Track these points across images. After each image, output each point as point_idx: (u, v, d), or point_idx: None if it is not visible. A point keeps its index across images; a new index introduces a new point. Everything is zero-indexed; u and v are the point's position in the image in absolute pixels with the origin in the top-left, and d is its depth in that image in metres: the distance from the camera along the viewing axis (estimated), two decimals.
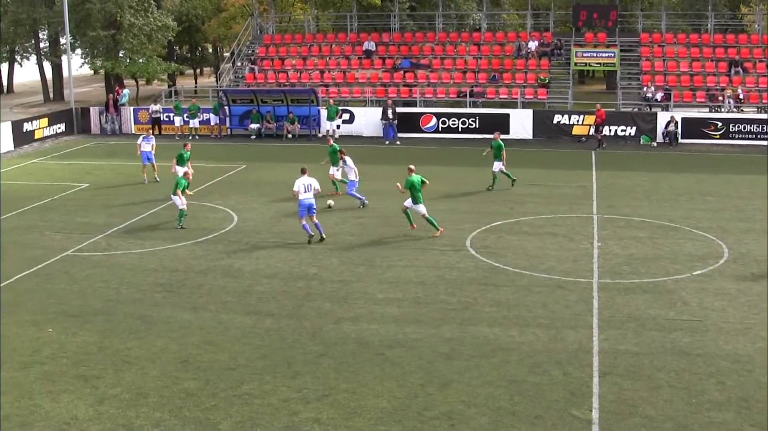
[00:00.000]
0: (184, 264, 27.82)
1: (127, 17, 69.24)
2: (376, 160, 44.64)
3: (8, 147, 51.59)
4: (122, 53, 72.35)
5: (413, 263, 27.25)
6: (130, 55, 71.38)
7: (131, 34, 69.70)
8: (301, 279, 25.92)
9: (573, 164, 43.62)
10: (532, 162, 44.07)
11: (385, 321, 22.46)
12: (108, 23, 70.53)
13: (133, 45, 70.07)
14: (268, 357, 20.37)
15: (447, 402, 17.73)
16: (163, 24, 71.67)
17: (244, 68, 62.96)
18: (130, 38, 69.72)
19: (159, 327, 22.51)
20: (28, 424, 17.45)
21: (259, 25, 67.43)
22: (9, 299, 25.08)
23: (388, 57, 60.53)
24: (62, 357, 20.82)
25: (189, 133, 54.88)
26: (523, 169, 41.49)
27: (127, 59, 72.05)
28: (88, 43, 73.92)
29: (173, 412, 17.73)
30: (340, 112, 52.99)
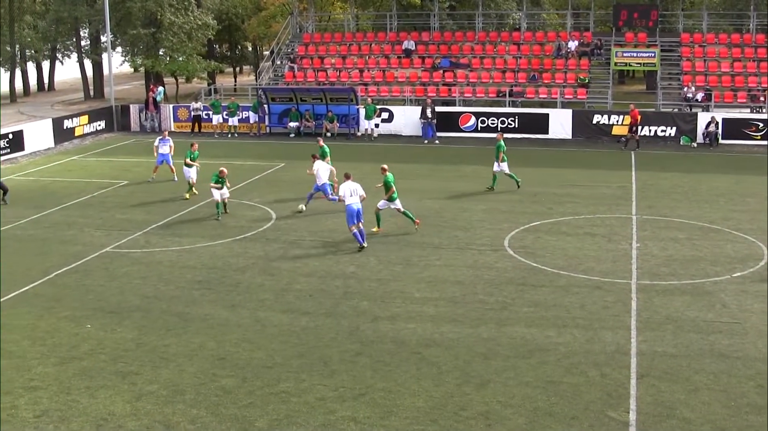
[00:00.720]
0: (222, 262, 27.92)
1: (168, 15, 69.58)
2: (415, 159, 44.60)
3: (49, 144, 52.00)
4: (162, 51, 72.72)
5: (451, 262, 27.20)
6: (170, 53, 71.74)
7: (171, 32, 70.03)
8: (338, 278, 25.94)
9: (612, 164, 43.34)
10: (571, 162, 43.87)
11: (422, 320, 22.43)
12: (148, 21, 70.92)
13: (173, 43, 70.41)
14: (305, 356, 20.39)
15: (484, 402, 17.68)
16: (203, 22, 71.99)
17: (283, 66, 63.07)
18: (170, 36, 70.06)
19: (196, 325, 22.61)
20: (66, 419, 17.58)
21: (299, 24, 67.56)
22: (49, 294, 25.31)
23: (428, 56, 60.45)
24: (100, 353, 20.96)
25: (228, 131, 55.07)
26: (562, 169, 41.38)
27: (167, 57, 72.42)
28: (129, 41, 74.39)
29: (210, 409, 17.80)
30: (378, 110, 52.95)
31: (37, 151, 50.69)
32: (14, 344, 21.66)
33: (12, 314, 23.74)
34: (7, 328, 22.70)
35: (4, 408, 18.20)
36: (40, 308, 24.18)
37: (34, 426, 17.37)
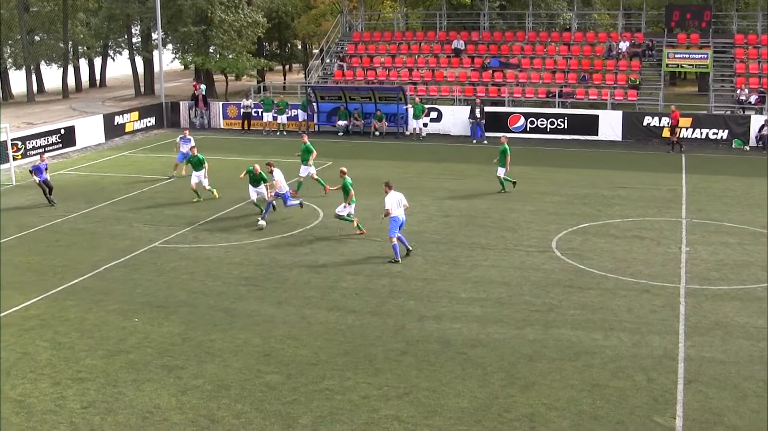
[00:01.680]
0: (269, 259, 28.03)
1: (218, 13, 69.92)
2: (464, 159, 44.51)
3: (100, 139, 52.48)
4: (212, 49, 73.09)
5: (498, 263, 27.12)
6: (220, 50, 72.10)
7: (221, 30, 70.36)
8: (385, 277, 25.95)
9: (662, 167, 42.95)
10: (620, 164, 43.54)
11: (467, 320, 22.38)
12: (199, 19, 71.31)
13: (223, 41, 70.74)
14: (350, 354, 20.42)
15: (528, 404, 17.62)
16: (253, 20, 72.26)
17: (332, 65, 63.19)
18: (221, 34, 70.39)
19: (243, 321, 22.71)
20: (113, 411, 17.76)
21: (349, 23, 67.66)
22: (98, 288, 25.57)
23: (477, 56, 60.31)
24: (147, 346, 21.13)
25: (277, 128, 55.26)
26: (611, 171, 41.12)
27: (217, 55, 72.79)
28: (179, 39, 74.88)
29: (254, 405, 17.88)
30: (427, 110, 52.88)
31: (88, 146, 51.17)
32: (64, 336, 21.92)
33: (61, 306, 24.01)
34: (56, 320, 23.00)
35: (53, 398, 18.44)
36: (89, 301, 24.42)
37: (81, 416, 17.56)
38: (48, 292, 25.29)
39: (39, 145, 47.90)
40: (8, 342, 21.68)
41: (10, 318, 23.29)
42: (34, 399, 18.43)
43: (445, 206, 34.43)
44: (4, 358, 20.74)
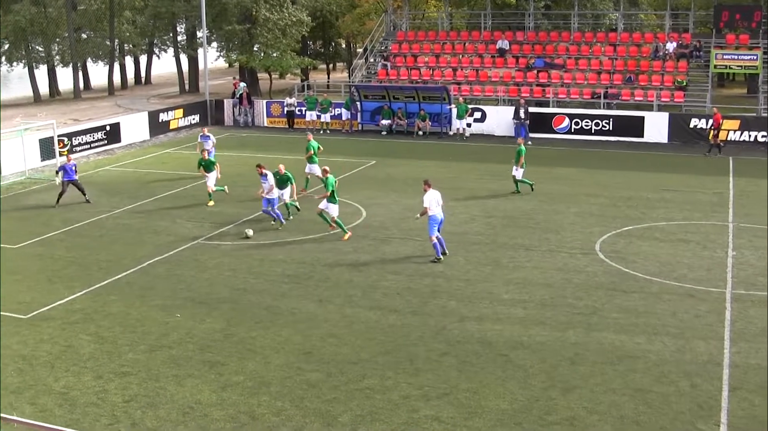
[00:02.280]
0: (311, 257, 28.07)
1: (263, 12, 70.10)
2: (507, 159, 44.17)
3: (144, 136, 52.81)
4: (257, 47, 73.27)
5: (540, 265, 26.98)
6: (265, 49, 72.28)
7: (266, 28, 70.52)
8: (427, 277, 25.90)
9: (709, 170, 42.48)
10: (666, 166, 43.13)
11: (509, 322, 22.29)
12: (244, 17, 71.52)
13: (267, 39, 70.90)
14: (391, 353, 20.40)
15: (569, 408, 17.51)
16: (297, 19, 72.38)
17: (376, 64, 63.17)
18: (265, 32, 70.56)
19: (284, 318, 22.77)
20: (154, 405, 17.88)
21: (393, 22, 67.63)
22: (141, 283, 25.74)
23: (522, 56, 60.06)
24: (189, 342, 21.24)
25: (320, 127, 55.34)
26: (657, 173, 40.78)
27: (261, 53, 72.99)
28: (224, 37, 75.17)
29: (294, 402, 17.91)
30: (470, 110, 52.73)
31: (133, 143, 51.51)
32: (107, 330, 22.11)
33: (105, 301, 24.21)
34: (100, 314, 23.21)
35: (95, 391, 18.57)
36: (132, 296, 24.60)
37: (123, 410, 17.69)
38: (92, 287, 25.50)
39: (85, 141, 48.29)
40: (52, 335, 21.90)
41: (55, 312, 23.52)
42: (77, 392, 18.60)
43: (488, 207, 34.31)
44: (47, 351, 20.94)
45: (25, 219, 34.03)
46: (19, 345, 21.33)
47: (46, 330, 22.27)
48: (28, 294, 25.02)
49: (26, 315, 23.32)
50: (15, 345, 21.33)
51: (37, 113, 68.08)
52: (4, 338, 21.82)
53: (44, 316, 23.26)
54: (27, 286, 25.82)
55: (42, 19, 79.42)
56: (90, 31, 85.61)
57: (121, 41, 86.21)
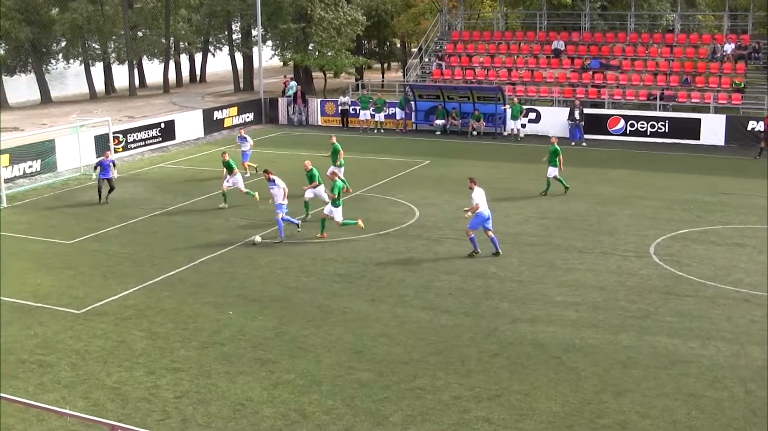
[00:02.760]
0: (364, 256, 28.08)
1: (318, 11, 70.22)
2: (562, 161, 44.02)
3: (198, 134, 53.11)
4: (311, 46, 73.40)
5: (594, 267, 26.78)
6: (319, 48, 72.42)
7: (321, 27, 70.65)
8: (479, 278, 25.82)
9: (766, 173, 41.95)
10: (723, 169, 42.58)
11: (562, 324, 22.16)
12: (299, 16, 71.70)
13: (322, 38, 71.03)
14: (443, 354, 20.36)
15: (621, 411, 17.37)
16: (352, 18, 72.44)
17: (431, 64, 63.06)
18: (320, 31, 70.69)
19: (336, 317, 22.80)
20: (205, 402, 17.99)
21: (448, 22, 67.49)
22: (193, 280, 25.93)
23: (577, 57, 59.66)
24: (240, 339, 21.35)
25: (374, 126, 55.35)
26: (713, 176, 40.31)
27: (316, 52, 73.13)
28: (279, 36, 75.36)
29: (345, 401, 17.92)
30: (525, 110, 52.48)
31: (187, 140, 51.81)
32: (159, 326, 22.28)
33: (158, 297, 24.40)
34: (153, 311, 23.41)
35: (147, 386, 18.72)
36: (185, 293, 24.77)
37: (174, 406, 17.82)
38: (145, 283, 25.70)
39: (139, 138, 48.67)
40: (105, 330, 22.11)
41: (108, 307, 23.74)
42: (129, 387, 18.76)
43: (543, 208, 34.12)
44: (100, 346, 21.14)
45: (79, 215, 34.37)
46: (73, 340, 21.56)
47: (99, 325, 22.48)
48: (81, 290, 25.29)
49: (80, 310, 23.57)
50: (68, 340, 21.56)
51: (93, 110, 68.79)
52: (58, 333, 22.07)
53: (98, 311, 23.48)
54: (81, 281, 26.09)
55: (99, 17, 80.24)
56: (146, 29, 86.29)
57: (177, 39, 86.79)
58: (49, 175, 41.89)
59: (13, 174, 40.54)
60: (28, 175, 41.40)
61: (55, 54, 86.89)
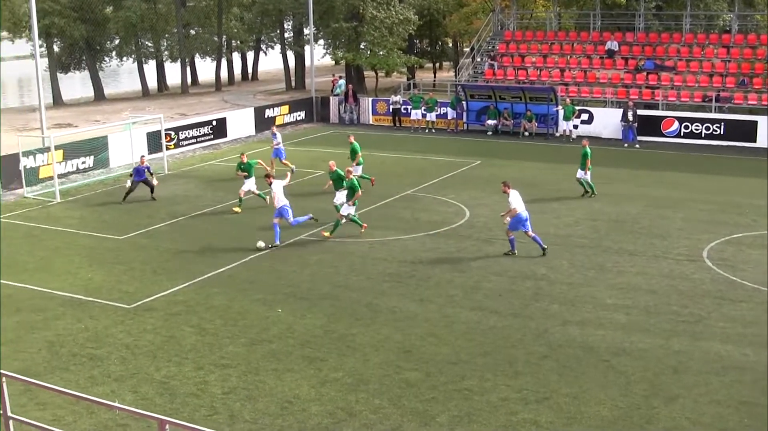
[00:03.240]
0: (413, 256, 28.01)
1: (370, 10, 70.20)
2: (614, 162, 43.64)
3: (250, 131, 53.31)
4: (363, 45, 73.43)
5: (645, 270, 26.50)
6: (371, 47, 72.42)
7: (373, 26, 70.62)
8: (529, 279, 25.65)
9: None
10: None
11: (612, 327, 21.95)
12: (351, 15, 71.74)
13: (374, 37, 71.01)
14: (491, 355, 20.25)
15: (671, 418, 17.15)
16: (404, 17, 72.35)
17: (483, 64, 62.85)
18: (372, 30, 70.67)
19: (384, 316, 22.76)
20: (253, 398, 18.05)
21: (500, 21, 67.21)
22: (243, 277, 26.02)
23: (631, 57, 59.14)
24: (289, 337, 21.39)
25: (425, 126, 55.25)
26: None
27: (367, 51, 73.15)
28: (331, 34, 75.47)
29: (392, 401, 17.88)
30: (577, 111, 52.13)
31: (239, 138, 52.00)
32: (208, 322, 22.38)
33: (207, 293, 24.51)
34: (202, 307, 23.53)
35: (196, 382, 18.79)
36: (234, 289, 24.85)
37: (222, 401, 17.89)
38: (195, 279, 25.82)
39: (191, 135, 48.93)
40: (155, 325, 22.25)
41: (158, 303, 23.88)
42: (177, 382, 18.85)
43: (594, 210, 33.84)
44: (150, 341, 21.26)
45: (131, 210, 34.61)
46: (123, 335, 21.71)
47: (149, 320, 22.62)
48: (132, 285, 25.46)
49: (130, 305, 23.74)
50: (119, 334, 21.72)
51: (146, 107, 69.27)
52: (109, 327, 22.24)
53: (148, 307, 23.63)
54: (131, 277, 26.27)
55: (152, 15, 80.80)
56: (198, 27, 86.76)
57: (229, 37, 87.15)
58: (102, 171, 42.29)
59: (67, 170, 40.95)
60: (81, 171, 41.82)
61: (109, 51, 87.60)
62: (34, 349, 21.04)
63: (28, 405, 17.63)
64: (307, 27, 70.81)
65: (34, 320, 22.91)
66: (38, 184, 38.73)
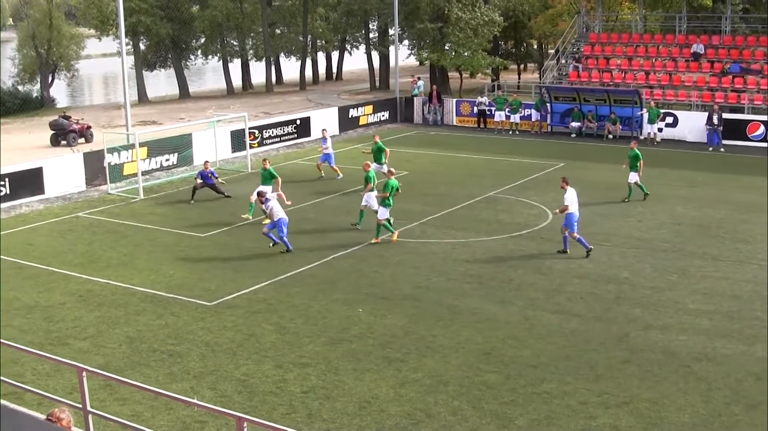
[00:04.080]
0: (495, 257, 27.97)
1: (455, 11, 70.13)
2: (698, 166, 43.11)
3: (334, 131, 53.51)
4: (448, 46, 73.37)
5: (729, 275, 26.13)
6: (456, 48, 72.34)
7: (458, 27, 70.51)
8: (611, 283, 25.46)
9: None
10: None
11: (694, 332, 21.70)
12: (436, 16, 71.76)
13: (459, 38, 70.90)
14: (571, 358, 20.14)
15: (753, 425, 16.91)
16: (489, 19, 72.15)
17: (568, 66, 62.47)
18: (457, 31, 70.56)
19: (465, 318, 22.75)
20: (331, 398, 18.14)
21: (586, 23, 66.73)
22: (324, 276, 26.17)
23: (717, 60, 58.32)
24: (369, 337, 21.46)
25: (509, 127, 55.06)
26: None
27: (452, 52, 73.08)
28: (416, 35, 75.58)
29: (471, 403, 17.87)
30: (662, 114, 51.56)
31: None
32: (289, 321, 22.55)
33: (288, 292, 24.71)
34: (283, 305, 23.72)
35: (275, 380, 18.96)
36: (315, 289, 25.01)
37: (300, 400, 18.01)
38: (276, 278, 26.04)
39: (275, 134, 49.35)
40: (235, 323, 22.48)
41: (239, 300, 24.14)
42: (256, 380, 19.03)
43: (677, 214, 33.44)
44: (230, 338, 21.49)
45: (213, 208, 35.04)
46: (203, 332, 21.98)
47: (229, 318, 22.87)
48: (213, 283, 25.75)
49: (211, 303, 24.03)
50: (199, 332, 21.99)
51: (230, 105, 70.00)
52: (189, 324, 22.53)
53: (228, 304, 23.89)
54: (213, 275, 26.58)
55: (238, 14, 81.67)
56: (284, 26, 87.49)
57: (314, 37, 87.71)
58: (185, 169, 42.83)
59: (150, 167, 41.56)
60: (164, 168, 42.43)
61: (194, 50, 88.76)
62: (115, 344, 21.40)
63: (107, 400, 17.92)
64: (392, 27, 71.03)
65: (115, 315, 23.30)
66: (122, 181, 39.40)
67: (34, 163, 38.10)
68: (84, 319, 23.02)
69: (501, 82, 69.96)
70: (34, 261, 28.27)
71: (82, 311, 23.62)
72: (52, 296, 24.87)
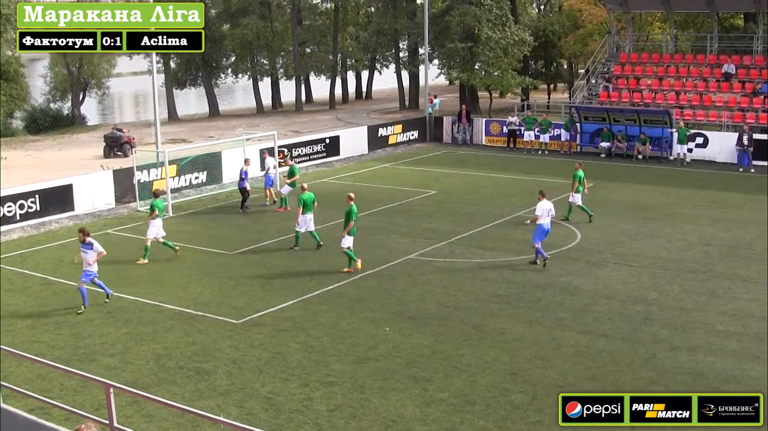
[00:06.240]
0: (523, 277, 27.88)
1: (485, 30, 70.18)
2: (728, 187, 42.86)
3: (363, 150, 53.63)
4: (478, 65, 73.42)
5: (759, 297, 25.92)
6: (486, 67, 72.38)
7: (488, 47, 70.54)
8: (639, 303, 25.33)
9: None
10: None
11: (722, 354, 21.54)
12: (466, 36, 71.83)
13: (489, 58, 70.94)
14: (598, 379, 20.05)
15: None
16: (519, 38, 72.14)
17: (598, 86, 62.35)
18: (487, 51, 70.59)
19: (492, 337, 22.69)
20: (357, 416, 18.12)
21: (616, 43, 66.61)
22: (352, 295, 26.17)
23: (748, 81, 58.07)
24: (396, 356, 21.42)
25: (539, 147, 54.98)
26: None
27: (482, 71, 73.13)
28: (446, 54, 75.62)
29: (497, 423, 17.81)
30: (692, 134, 51.32)
31: (351, 156, 52.36)
32: (315, 339, 22.55)
33: (315, 311, 24.72)
34: (310, 323, 23.72)
35: (301, 398, 18.95)
36: (342, 307, 25.01)
37: (326, 419, 17.99)
38: (303, 296, 26.07)
39: (304, 152, 49.45)
40: (262, 341, 22.50)
41: (266, 318, 24.16)
42: (282, 398, 19.03)
43: (706, 235, 33.25)
44: (257, 356, 21.50)
45: (242, 226, 35.14)
46: (230, 349, 22.01)
47: (256, 336, 22.89)
48: (241, 300, 25.80)
49: (238, 320, 24.06)
50: (226, 349, 22.02)
51: (260, 124, 70.24)
52: (216, 341, 22.57)
53: (255, 322, 23.92)
54: (241, 292, 26.63)
55: (268, 33, 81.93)
56: (314, 45, 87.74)
57: (344, 56, 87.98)
58: (214, 187, 42.98)
59: (180, 184, 41.73)
60: (194, 186, 42.60)
61: (225, 68, 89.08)
62: (143, 361, 21.47)
63: (134, 417, 17.97)
64: (423, 47, 71.13)
65: (143, 332, 23.38)
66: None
67: (65, 180, 38.33)
68: (112, 335, 23.11)
69: (530, 101, 69.90)
70: (62, 277, 28.41)
71: (110, 327, 23.71)
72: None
